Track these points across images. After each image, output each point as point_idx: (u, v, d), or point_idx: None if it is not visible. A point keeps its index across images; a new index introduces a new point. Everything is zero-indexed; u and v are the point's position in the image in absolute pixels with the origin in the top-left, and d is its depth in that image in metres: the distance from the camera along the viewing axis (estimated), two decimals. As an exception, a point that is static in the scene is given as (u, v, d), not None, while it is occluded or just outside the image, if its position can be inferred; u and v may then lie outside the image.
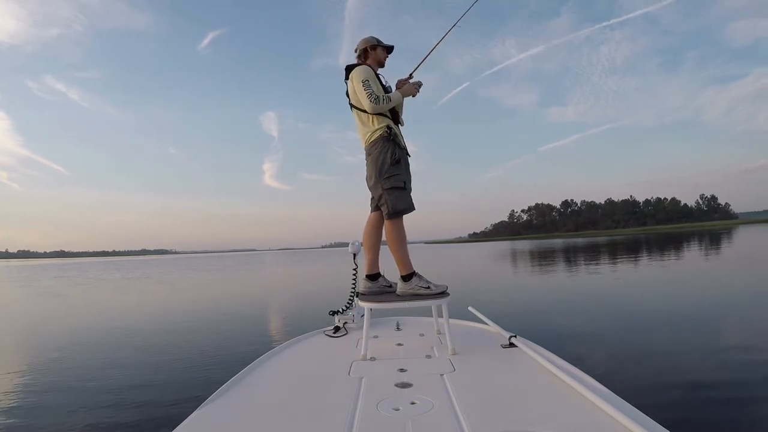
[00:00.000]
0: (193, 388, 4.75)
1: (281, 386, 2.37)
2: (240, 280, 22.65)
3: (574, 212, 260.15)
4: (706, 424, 3.38)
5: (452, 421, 1.75)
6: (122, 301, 14.82)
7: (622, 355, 5.37)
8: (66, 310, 13.25)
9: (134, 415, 4.08)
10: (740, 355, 5.09)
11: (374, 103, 3.01)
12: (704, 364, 4.83)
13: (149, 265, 56.07)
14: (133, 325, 9.51)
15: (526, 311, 8.84)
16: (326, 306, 3.84)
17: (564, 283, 13.53)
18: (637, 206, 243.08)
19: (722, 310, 7.89)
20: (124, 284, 22.88)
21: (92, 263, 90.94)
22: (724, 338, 6.01)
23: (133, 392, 4.72)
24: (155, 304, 13.74)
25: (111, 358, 6.45)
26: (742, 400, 3.78)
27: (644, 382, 4.29)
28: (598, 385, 2.03)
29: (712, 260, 19.00)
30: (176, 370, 5.60)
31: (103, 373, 5.67)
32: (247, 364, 2.63)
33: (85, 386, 5.10)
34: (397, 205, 3.04)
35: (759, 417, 3.48)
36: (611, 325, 7.13)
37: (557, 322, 7.47)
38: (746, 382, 4.19)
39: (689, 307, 8.29)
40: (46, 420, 4.07)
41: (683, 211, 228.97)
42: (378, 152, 3.07)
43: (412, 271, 3.00)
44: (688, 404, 3.78)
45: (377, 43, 3.34)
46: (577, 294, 11.04)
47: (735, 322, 6.86)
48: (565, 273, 16.77)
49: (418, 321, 3.87)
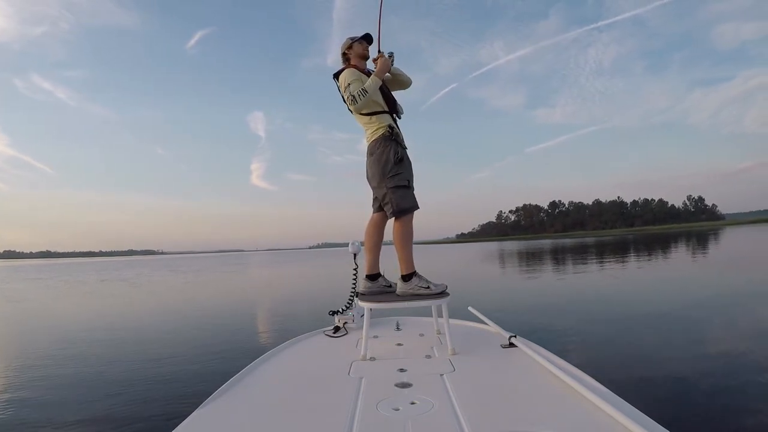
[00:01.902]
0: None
1: (281, 386, 2.36)
2: (218, 283, 21.48)
3: (561, 213, 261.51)
4: (706, 424, 3.39)
5: (452, 421, 1.74)
6: (83, 307, 13.79)
7: (621, 354, 5.37)
8: (12, 317, 12.11)
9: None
10: (740, 355, 5.09)
11: (353, 104, 3.06)
12: (704, 364, 4.82)
13: (131, 267, 54.85)
14: (77, 335, 8.58)
15: (523, 311, 8.81)
16: (308, 313, 3.80)
17: (559, 284, 13.50)
18: (625, 207, 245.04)
19: (720, 309, 7.97)
20: (94, 288, 21.64)
21: (76, 264, 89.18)
22: (724, 337, 6.00)
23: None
24: (116, 311, 12.48)
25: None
26: (741, 399, 3.80)
27: (643, 382, 4.29)
28: (598, 385, 2.03)
29: (705, 261, 19.08)
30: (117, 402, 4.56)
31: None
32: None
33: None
34: (402, 204, 3.04)
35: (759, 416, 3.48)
36: (610, 324, 7.13)
37: (556, 322, 7.40)
38: (746, 381, 4.21)
39: (685, 306, 8.37)
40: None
41: (671, 212, 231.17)
42: (380, 152, 3.08)
43: (413, 271, 3.00)
44: (688, 403, 3.78)
45: (351, 41, 3.34)
46: (573, 294, 10.99)
47: (733, 321, 6.91)
48: (559, 274, 16.71)
49: (418, 321, 3.86)
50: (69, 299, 16.65)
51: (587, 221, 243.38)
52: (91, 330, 9.20)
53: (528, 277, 16.01)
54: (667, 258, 21.02)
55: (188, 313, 11.16)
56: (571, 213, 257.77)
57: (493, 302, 9.82)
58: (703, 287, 11.03)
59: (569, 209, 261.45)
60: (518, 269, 20.11)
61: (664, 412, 3.48)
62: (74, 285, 24.25)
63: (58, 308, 14.08)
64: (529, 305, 9.67)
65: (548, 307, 9.10)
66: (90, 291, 19.71)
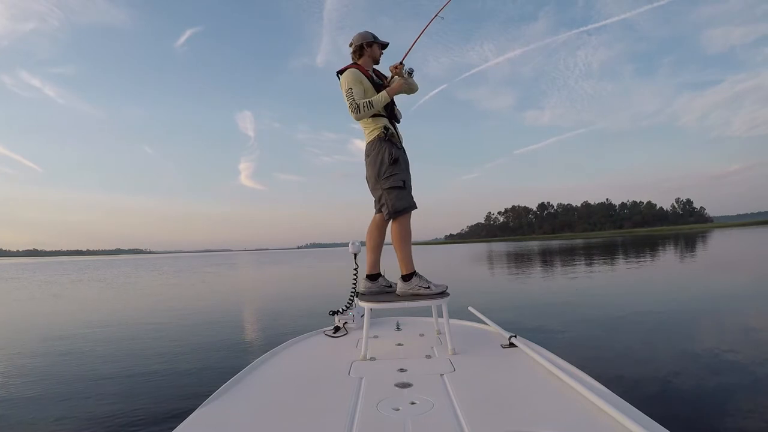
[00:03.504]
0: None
1: (281, 386, 2.34)
2: (192, 287, 19.41)
3: (550, 215, 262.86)
4: (706, 423, 3.37)
5: (452, 421, 1.74)
6: (44, 311, 12.52)
7: (621, 354, 5.35)
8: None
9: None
10: (737, 354, 5.05)
11: (355, 113, 3.04)
12: (700, 362, 4.83)
13: (115, 266, 53.71)
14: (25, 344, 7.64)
15: (519, 311, 8.76)
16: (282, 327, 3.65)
17: (553, 285, 13.44)
18: (613, 209, 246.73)
19: (716, 308, 8.14)
20: (65, 289, 20.14)
21: (60, 263, 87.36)
22: (722, 336, 5.99)
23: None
24: (79, 315, 11.35)
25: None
26: (740, 398, 3.80)
27: (643, 381, 4.26)
28: (598, 385, 2.02)
29: (695, 263, 19.12)
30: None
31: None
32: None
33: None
34: (397, 205, 3.03)
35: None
36: (607, 324, 7.12)
37: (552, 323, 7.33)
38: (745, 380, 4.21)
39: (678, 306, 8.38)
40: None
41: (659, 215, 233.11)
42: (376, 153, 3.07)
43: (413, 271, 3.00)
44: (688, 402, 3.75)
45: (373, 40, 3.32)
46: (568, 296, 10.85)
47: (731, 320, 6.94)
48: (552, 276, 16.60)
49: (418, 321, 3.85)
50: (28, 303, 15.19)
51: (576, 223, 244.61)
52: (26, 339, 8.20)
53: (521, 279, 15.80)
54: (657, 260, 21.08)
55: (146, 319, 10.01)
56: (560, 215, 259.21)
57: (487, 303, 9.65)
58: (694, 288, 11.06)
59: (558, 211, 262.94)
60: (510, 271, 19.90)
61: (656, 408, 3.49)
62: (47, 285, 23.02)
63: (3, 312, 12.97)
64: (525, 306, 9.60)
65: (545, 308, 9.00)
66: (57, 293, 18.42)
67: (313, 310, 9.76)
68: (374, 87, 3.16)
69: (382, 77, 3.35)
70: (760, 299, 8.78)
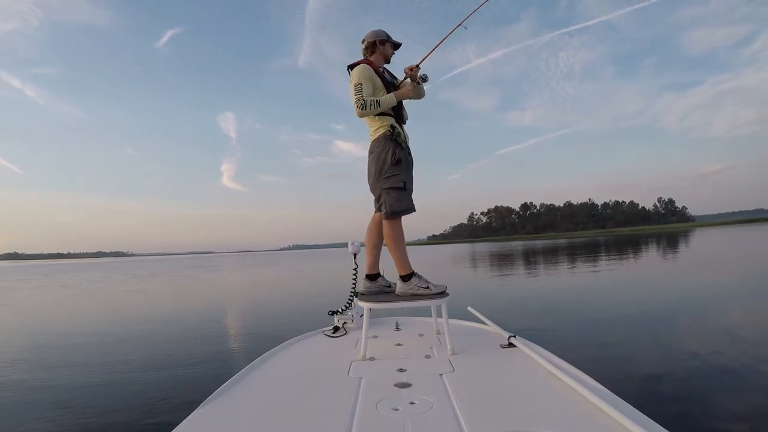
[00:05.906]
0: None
1: (281, 386, 2.32)
2: (160, 293, 18.23)
3: (533, 215, 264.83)
4: (706, 423, 3.33)
5: (451, 421, 1.73)
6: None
7: (621, 353, 5.31)
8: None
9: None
10: (736, 353, 5.05)
11: (360, 109, 3.00)
12: (696, 361, 4.80)
13: (90, 269, 52.32)
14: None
15: (520, 311, 8.77)
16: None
17: (545, 284, 13.54)
18: (596, 209, 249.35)
19: (709, 305, 8.28)
20: (25, 295, 19.19)
21: (38, 266, 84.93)
22: (720, 335, 5.99)
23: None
24: (28, 327, 10.15)
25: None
26: (740, 397, 3.77)
27: (643, 381, 4.23)
28: (598, 385, 2.01)
29: (683, 261, 19.34)
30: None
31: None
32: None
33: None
34: (395, 206, 2.99)
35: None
36: (608, 324, 7.12)
37: (553, 322, 7.30)
38: (744, 379, 4.19)
39: (671, 306, 8.41)
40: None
41: (641, 214, 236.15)
42: (379, 151, 3.04)
43: (411, 272, 2.98)
44: (688, 402, 3.70)
45: (386, 39, 3.30)
46: (567, 295, 10.89)
47: (728, 319, 7.01)
48: (539, 275, 16.65)
49: (418, 321, 3.83)
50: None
51: (558, 223, 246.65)
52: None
53: (513, 279, 15.71)
54: (644, 259, 21.35)
55: (96, 329, 9.11)
56: (543, 215, 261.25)
57: (485, 303, 9.60)
58: (684, 286, 11.21)
59: (540, 211, 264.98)
60: (502, 271, 19.75)
61: (655, 407, 3.48)
62: (10, 292, 21.59)
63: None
64: (522, 305, 9.58)
65: (542, 308, 8.95)
66: (17, 301, 17.24)
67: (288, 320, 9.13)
68: (385, 85, 3.13)
69: (394, 77, 3.33)
70: (746, 296, 9.00)
